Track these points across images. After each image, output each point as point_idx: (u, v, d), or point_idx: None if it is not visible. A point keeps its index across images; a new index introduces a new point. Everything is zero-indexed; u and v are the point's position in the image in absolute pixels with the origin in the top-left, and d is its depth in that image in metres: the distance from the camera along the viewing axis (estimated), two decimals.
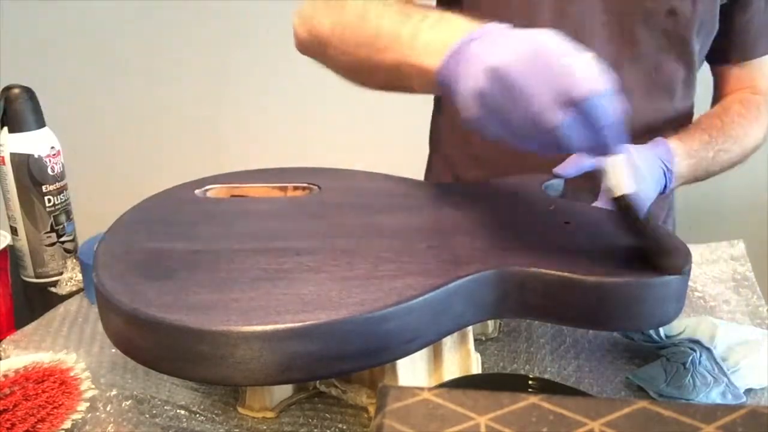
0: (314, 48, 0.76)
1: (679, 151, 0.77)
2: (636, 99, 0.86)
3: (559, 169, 0.72)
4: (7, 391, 0.55)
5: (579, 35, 0.83)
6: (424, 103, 1.04)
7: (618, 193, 0.55)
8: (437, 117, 1.03)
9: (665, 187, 0.76)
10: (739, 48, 0.89)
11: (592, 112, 0.49)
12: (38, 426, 0.53)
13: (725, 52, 0.90)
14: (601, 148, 0.51)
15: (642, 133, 0.87)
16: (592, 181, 0.73)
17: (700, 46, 0.87)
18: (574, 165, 0.72)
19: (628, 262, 0.55)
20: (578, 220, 0.63)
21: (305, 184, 0.72)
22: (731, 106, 0.87)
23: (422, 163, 1.06)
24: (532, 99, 0.49)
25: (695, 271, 0.79)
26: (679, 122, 0.90)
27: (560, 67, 0.49)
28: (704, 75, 0.94)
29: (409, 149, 1.10)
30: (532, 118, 0.49)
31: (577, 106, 0.49)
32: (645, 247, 0.56)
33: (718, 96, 0.93)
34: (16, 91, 0.81)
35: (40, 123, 0.82)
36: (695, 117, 0.90)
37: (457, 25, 0.58)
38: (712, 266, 0.81)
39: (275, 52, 1.76)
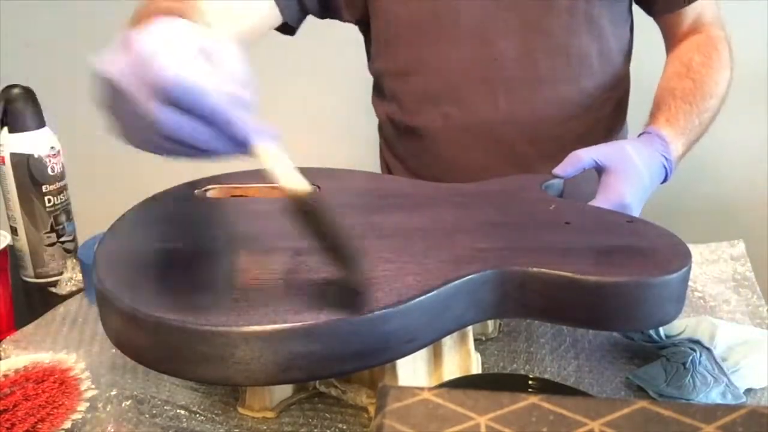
0: None
1: (671, 136, 0.78)
2: (557, 83, 0.88)
3: (558, 170, 0.73)
4: (7, 391, 0.55)
5: (495, 40, 0.85)
6: None
7: (291, 192, 0.49)
8: (382, 140, 1.05)
9: (667, 175, 0.77)
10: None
11: (184, 100, 0.45)
12: (38, 426, 0.53)
13: (661, 5, 0.90)
14: (228, 142, 0.47)
15: (574, 116, 0.89)
16: (592, 180, 0.73)
17: (608, 16, 0.88)
18: (573, 165, 0.72)
19: (628, 262, 0.55)
20: (578, 220, 0.63)
21: None
22: (692, 57, 0.87)
23: None
24: (131, 97, 0.46)
25: (695, 271, 0.79)
26: (607, 95, 0.92)
27: (147, 58, 0.46)
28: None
29: None
30: (136, 115, 0.46)
31: (169, 97, 0.45)
32: (325, 252, 0.51)
33: (670, 45, 0.93)
34: (16, 91, 0.81)
35: (40, 123, 0.82)
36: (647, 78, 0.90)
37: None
38: (712, 266, 0.81)
39: (275, 52, 1.76)
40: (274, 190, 0.72)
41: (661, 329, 0.64)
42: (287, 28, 0.91)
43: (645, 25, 0.95)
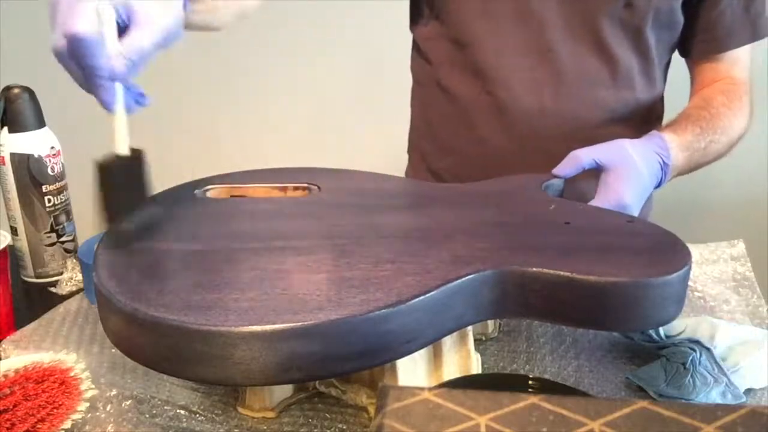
0: None
1: (674, 144, 0.78)
2: (600, 89, 0.88)
3: (557, 170, 0.73)
4: (7, 391, 0.55)
5: (542, 31, 0.86)
6: None
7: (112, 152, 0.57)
8: (411, 126, 1.05)
9: (661, 180, 0.76)
10: (713, 42, 0.90)
11: (76, 47, 0.52)
12: (38, 426, 0.53)
13: (699, 47, 0.91)
14: (91, 89, 0.55)
15: (608, 123, 0.89)
16: (592, 180, 0.73)
17: (656, 38, 0.88)
18: (572, 165, 0.72)
19: (628, 262, 0.55)
20: (578, 220, 0.63)
21: (305, 184, 0.72)
22: (714, 97, 0.88)
23: None
24: (51, 18, 0.54)
25: (695, 271, 0.79)
26: (643, 114, 0.92)
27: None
28: (676, 71, 0.95)
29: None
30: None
31: (69, 39, 0.52)
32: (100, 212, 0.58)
33: (695, 89, 0.93)
34: (16, 91, 0.81)
35: (40, 123, 0.82)
36: (672, 113, 0.90)
37: None
38: (712, 266, 0.81)
39: (275, 52, 1.76)
40: (274, 190, 0.72)
41: (661, 329, 0.64)
42: None
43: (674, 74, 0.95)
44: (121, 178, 0.58)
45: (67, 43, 0.52)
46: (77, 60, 0.53)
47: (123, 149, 0.58)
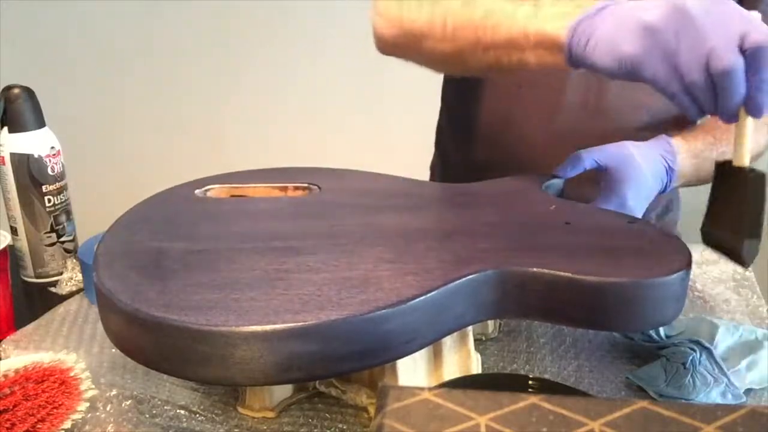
0: (406, 44, 0.77)
1: (682, 150, 0.77)
2: (644, 90, 0.86)
3: (558, 170, 0.73)
4: (7, 391, 0.55)
5: None
6: (426, 104, 1.04)
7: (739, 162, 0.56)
8: (443, 117, 1.04)
9: (666, 185, 0.76)
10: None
11: (762, 59, 0.50)
12: (38, 426, 0.53)
13: None
14: (754, 105, 0.52)
15: (648, 126, 0.87)
16: (592, 180, 0.73)
17: None
18: (573, 165, 0.72)
19: (629, 262, 0.55)
20: (578, 220, 0.63)
21: (305, 184, 0.72)
22: None
23: (424, 164, 1.06)
24: (710, 35, 0.51)
25: (695, 271, 0.79)
26: (680, 118, 0.89)
27: (740, 13, 0.52)
28: None
29: (410, 150, 1.11)
30: (705, 54, 0.51)
31: (750, 52, 0.50)
32: (729, 223, 0.56)
33: None
34: (16, 91, 0.81)
35: (40, 123, 0.82)
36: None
37: (577, 3, 0.60)
38: (712, 266, 0.81)
39: (276, 52, 1.76)
40: (274, 190, 0.72)
41: (661, 329, 0.64)
42: None
43: None
44: (759, 192, 0.56)
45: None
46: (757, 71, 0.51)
47: (748, 161, 0.56)
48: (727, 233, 0.56)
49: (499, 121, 0.94)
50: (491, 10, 0.66)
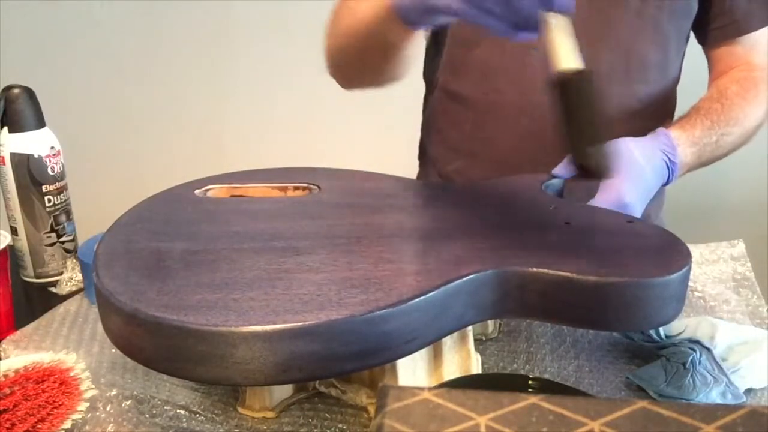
0: (336, 65, 0.85)
1: (681, 141, 0.77)
2: (612, 83, 0.87)
3: (557, 170, 0.73)
4: (7, 391, 0.55)
5: None
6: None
7: (560, 68, 0.52)
8: (424, 117, 1.04)
9: (668, 178, 0.76)
10: (730, 26, 0.88)
11: None
12: (38, 426, 0.53)
13: (716, 32, 0.89)
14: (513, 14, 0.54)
15: (619, 116, 0.87)
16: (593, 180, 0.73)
17: (674, 28, 0.87)
18: (572, 164, 0.72)
19: (628, 262, 0.55)
20: (578, 220, 0.63)
21: (305, 184, 0.72)
22: (728, 87, 0.86)
23: None
24: None
25: (695, 271, 0.79)
26: (656, 107, 0.90)
27: None
28: (691, 62, 0.94)
29: (410, 150, 1.10)
30: None
31: None
32: (570, 136, 0.53)
33: (712, 77, 0.92)
34: (16, 91, 0.81)
35: (40, 123, 0.82)
36: (687, 104, 0.90)
37: None
38: (712, 266, 0.81)
39: (275, 52, 1.76)
40: (274, 190, 0.72)
41: (661, 329, 0.64)
42: None
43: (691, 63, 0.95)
44: (584, 94, 0.52)
45: None
46: None
47: (574, 63, 0.52)
48: (574, 148, 0.53)
49: (466, 130, 0.94)
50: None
